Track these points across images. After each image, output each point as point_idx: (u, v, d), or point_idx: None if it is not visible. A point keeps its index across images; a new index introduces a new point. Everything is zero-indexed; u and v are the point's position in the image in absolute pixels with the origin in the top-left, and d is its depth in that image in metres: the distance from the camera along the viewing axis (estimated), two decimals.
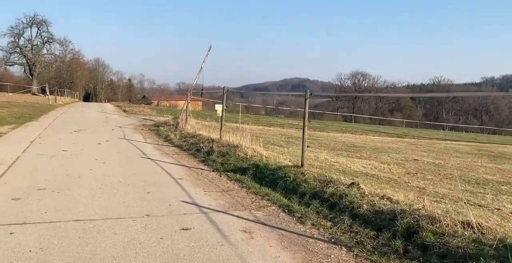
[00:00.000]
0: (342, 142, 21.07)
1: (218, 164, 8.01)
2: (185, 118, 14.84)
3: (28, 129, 13.02)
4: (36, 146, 9.70)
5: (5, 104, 23.94)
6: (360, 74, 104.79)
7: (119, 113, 25.22)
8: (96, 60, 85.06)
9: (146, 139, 12.38)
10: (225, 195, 5.86)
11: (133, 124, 17.61)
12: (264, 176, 6.63)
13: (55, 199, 5.18)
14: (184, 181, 6.72)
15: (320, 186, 5.50)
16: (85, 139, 11.62)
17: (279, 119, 46.83)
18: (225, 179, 6.95)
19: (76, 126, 14.92)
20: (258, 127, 26.66)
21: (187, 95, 18.31)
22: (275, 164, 6.94)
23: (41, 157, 8.24)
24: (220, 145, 9.25)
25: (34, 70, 52.25)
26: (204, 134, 11.48)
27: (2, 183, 5.87)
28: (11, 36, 50.67)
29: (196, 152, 9.52)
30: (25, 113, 18.55)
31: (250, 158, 7.73)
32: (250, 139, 9.17)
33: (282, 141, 17.20)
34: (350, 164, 11.12)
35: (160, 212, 4.88)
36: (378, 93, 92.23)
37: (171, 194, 5.76)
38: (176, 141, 11.45)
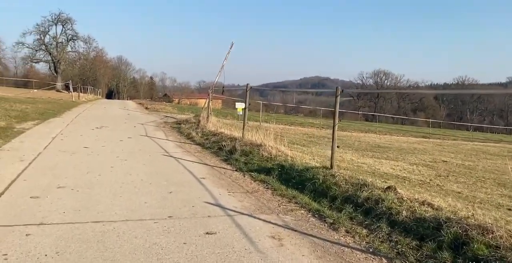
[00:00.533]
0: (366, 142, 20.53)
1: (241, 163, 7.73)
2: (207, 116, 14.62)
3: (50, 125, 13.03)
4: (57, 142, 9.62)
5: (30, 100, 24.30)
6: (382, 73, 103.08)
7: (141, 111, 25.26)
8: (119, 58, 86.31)
9: (168, 137, 12.20)
10: (250, 197, 5.56)
11: (155, 121, 17.51)
12: (290, 177, 6.30)
13: (75, 198, 4.97)
14: (207, 180, 6.45)
15: (353, 190, 5.13)
16: (107, 135, 11.51)
17: (299, 118, 46.38)
18: (249, 179, 6.65)
19: (98, 123, 14.88)
20: (279, 126, 26.27)
21: (209, 93, 18.10)
22: (301, 165, 6.60)
23: (62, 153, 8.12)
24: (242, 143, 8.96)
25: (59, 67, 53.23)
26: (226, 132, 11.22)
27: (22, 180, 5.71)
28: (37, 34, 51.80)
29: (218, 151, 9.26)
30: (49, 109, 18.69)
31: (274, 157, 7.41)
32: (273, 138, 8.84)
33: (304, 140, 16.83)
34: (378, 165, 10.68)
35: (183, 213, 4.61)
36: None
37: (194, 194, 5.50)
38: (198, 138, 11.22)
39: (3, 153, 7.64)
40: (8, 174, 6.01)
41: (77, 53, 57.89)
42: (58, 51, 53.31)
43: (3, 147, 8.33)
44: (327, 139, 19.75)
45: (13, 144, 8.85)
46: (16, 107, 17.06)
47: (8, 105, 17.30)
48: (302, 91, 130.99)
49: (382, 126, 38.53)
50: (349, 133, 27.92)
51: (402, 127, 53.26)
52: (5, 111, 14.71)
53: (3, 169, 6.27)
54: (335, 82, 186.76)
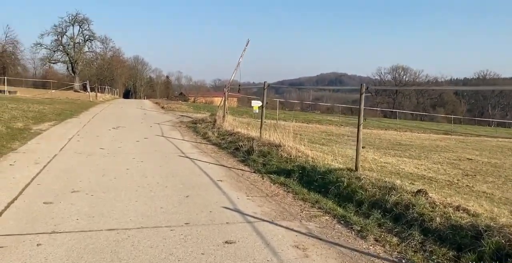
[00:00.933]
0: (387, 140, 20.05)
1: (259, 164, 7.47)
2: (223, 115, 14.40)
3: (67, 126, 13.00)
4: (74, 143, 9.53)
5: (48, 101, 24.52)
6: (400, 68, 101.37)
7: (157, 110, 25.25)
8: (135, 58, 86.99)
9: (184, 136, 12.03)
10: (270, 201, 5.29)
11: (171, 121, 17.40)
12: (312, 179, 6.01)
13: (89, 204, 4.79)
14: (224, 183, 6.22)
15: (381, 194, 4.82)
16: (123, 136, 11.41)
17: (317, 115, 45.87)
18: (268, 182, 6.38)
19: (115, 123, 14.83)
20: (296, 124, 25.93)
21: (224, 92, 17.89)
22: (324, 167, 6.30)
23: (78, 155, 8.00)
24: (260, 143, 8.70)
25: (76, 68, 53.89)
26: (242, 131, 10.97)
27: (35, 184, 5.57)
28: (54, 35, 52.50)
29: (235, 151, 9.02)
30: (66, 110, 18.78)
31: (294, 158, 7.12)
32: (293, 138, 8.56)
33: (323, 139, 16.48)
34: (402, 165, 10.30)
35: (200, 220, 4.38)
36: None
37: (212, 199, 5.26)
38: (214, 138, 11.01)
39: (19, 156, 7.55)
40: (23, 177, 5.88)
41: (94, 53, 58.54)
42: (76, 51, 53.96)
43: (19, 149, 8.26)
44: (347, 137, 19.34)
45: (29, 146, 8.78)
46: (33, 108, 17.15)
47: (26, 106, 17.41)
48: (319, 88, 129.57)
49: (401, 123, 37.76)
50: (369, 130, 27.37)
51: (422, 123, 52.29)
52: (22, 112, 14.77)
53: (18, 173, 6.16)
54: (352, 79, 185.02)
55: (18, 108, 16.30)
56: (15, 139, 9.41)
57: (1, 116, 12.63)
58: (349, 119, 38.78)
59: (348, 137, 19.42)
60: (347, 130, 25.01)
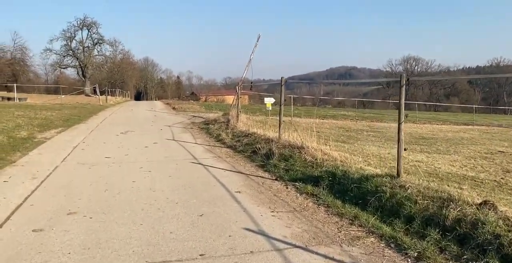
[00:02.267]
0: (408, 133, 19.00)
1: (281, 170, 6.64)
2: (236, 114, 13.60)
3: (73, 133, 12.36)
4: (78, 152, 8.84)
5: (57, 107, 24.04)
6: (412, 59, 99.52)
7: (168, 111, 24.59)
8: (145, 59, 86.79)
9: (196, 139, 11.27)
10: (299, 218, 4.47)
11: (182, 122, 16.68)
12: (345, 188, 5.17)
13: (85, 230, 4.04)
14: (243, 195, 5.42)
15: (435, 207, 3.96)
16: (132, 141, 10.70)
17: (330, 110, 44.78)
18: (294, 192, 5.56)
19: (124, 127, 14.16)
20: (311, 120, 25.03)
21: (237, 90, 17.08)
22: (357, 172, 5.44)
23: (80, 166, 7.28)
24: (280, 145, 7.88)
25: (87, 72, 53.62)
26: (258, 132, 10.16)
27: (28, 206, 4.85)
28: (63, 40, 52.22)
29: (253, 154, 8.22)
30: (74, 115, 18.19)
31: (320, 163, 6.28)
32: (316, 137, 7.71)
33: (342, 136, 15.56)
34: (435, 162, 9.37)
35: (218, 249, 3.59)
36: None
37: (230, 217, 4.47)
38: (228, 140, 10.22)
39: (16, 170, 6.87)
40: (15, 197, 5.17)
41: (103, 57, 58.15)
42: (85, 55, 53.65)
43: (18, 162, 7.58)
44: (366, 132, 18.39)
45: (30, 157, 8.11)
46: (41, 115, 16.59)
47: (33, 113, 16.87)
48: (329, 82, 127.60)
49: (416, 115, 36.42)
50: (386, 123, 26.31)
51: (439, 114, 50.76)
52: (28, 120, 14.20)
53: (11, 191, 5.45)
54: (362, 72, 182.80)
55: (25, 115, 15.75)
56: (16, 150, 8.75)
57: (5, 126, 12.02)
58: (364, 113, 37.71)
59: (367, 132, 18.48)
60: (364, 125, 24.03)
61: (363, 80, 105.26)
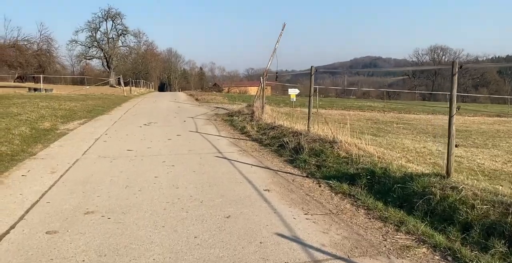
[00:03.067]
0: (440, 126, 18.13)
1: (312, 166, 6.17)
2: (261, 106, 13.14)
3: (96, 124, 12.18)
4: (99, 145, 8.59)
5: (82, 98, 24.13)
6: (439, 49, 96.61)
7: (191, 102, 24.36)
8: (168, 51, 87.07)
9: (220, 132, 10.89)
10: (337, 222, 4.01)
11: (206, 114, 16.35)
12: (386, 188, 4.66)
13: (103, 232, 3.70)
14: (272, 194, 4.99)
15: (497, 213, 3.43)
16: (154, 133, 10.41)
17: (355, 101, 43.78)
18: (328, 191, 5.09)
19: (147, 119, 13.93)
20: (336, 112, 24.35)
21: (261, 80, 16.60)
22: (399, 170, 4.92)
23: (101, 160, 7.00)
24: (309, 139, 7.39)
25: (111, 63, 54.08)
26: (285, 124, 9.68)
27: (44, 203, 4.55)
28: (88, 31, 52.74)
29: (280, 149, 7.76)
30: (98, 106, 18.13)
31: (356, 159, 5.76)
32: (349, 131, 7.19)
33: (371, 128, 14.92)
34: (476, 158, 8.70)
35: (249, 259, 3.17)
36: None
37: (260, 220, 4.05)
38: (253, 133, 9.80)
39: (36, 163, 6.63)
40: (31, 193, 4.90)
41: (128, 48, 58.50)
42: (110, 46, 54.07)
43: (38, 154, 7.37)
44: (396, 124, 17.65)
45: (50, 150, 7.90)
46: (65, 105, 16.56)
47: (58, 104, 16.85)
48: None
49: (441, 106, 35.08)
50: (415, 115, 25.36)
51: (467, 105, 48.91)
52: (52, 111, 14.13)
53: (27, 187, 5.18)
54: (387, 62, 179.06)
55: (49, 106, 15.73)
56: (37, 142, 8.58)
57: (29, 117, 11.94)
58: (390, 104, 36.57)
59: (397, 124, 17.73)
60: (392, 116, 23.18)
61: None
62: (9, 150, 7.40)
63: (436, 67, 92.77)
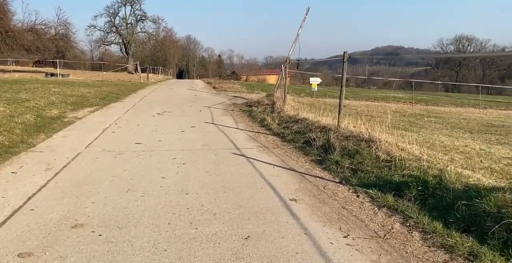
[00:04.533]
0: (473, 120, 16.93)
1: (345, 169, 5.26)
2: (282, 96, 12.20)
3: (108, 112, 11.48)
4: (107, 136, 7.85)
5: (97, 83, 23.57)
6: (465, 39, 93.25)
7: (208, 91, 23.54)
8: (187, 38, 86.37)
9: (238, 124, 10.03)
10: (387, 251, 3.12)
11: (223, 103, 15.51)
12: (444, 204, 3.73)
13: (88, 257, 2.90)
14: (301, 205, 4.12)
15: None
16: (167, 124, 9.64)
17: (378, 91, 42.28)
18: (369, 204, 4.19)
19: (161, 107, 13.18)
20: (361, 103, 23.20)
21: (282, 69, 15.61)
22: (458, 181, 3.98)
23: (105, 155, 6.24)
24: (340, 136, 6.47)
25: (130, 49, 53.64)
26: (310, 117, 8.76)
27: (27, 211, 3.79)
28: (107, 16, 52.28)
29: (305, 146, 6.87)
30: (113, 93, 17.46)
31: (400, 163, 4.82)
32: (386, 127, 6.23)
33: (402, 122, 13.83)
34: None
35: None
36: None
37: (287, 244, 3.19)
38: (274, 126, 8.91)
39: (32, 157, 5.91)
40: (17, 197, 4.15)
41: (146, 34, 57.91)
42: (128, 32, 53.56)
43: (38, 146, 6.66)
44: (426, 118, 16.49)
45: (53, 141, 7.19)
46: (78, 91, 15.93)
47: (70, 90, 16.24)
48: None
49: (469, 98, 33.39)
50: (443, 107, 24.02)
51: (496, 98, 46.89)
52: (63, 97, 13.49)
53: (14, 188, 4.44)
54: (409, 51, 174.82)
55: (61, 92, 15.13)
56: (40, 131, 7.89)
57: (37, 103, 11.30)
58: (416, 95, 35.01)
59: (427, 118, 16.57)
60: (421, 109, 21.90)
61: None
62: (7, 140, 6.70)
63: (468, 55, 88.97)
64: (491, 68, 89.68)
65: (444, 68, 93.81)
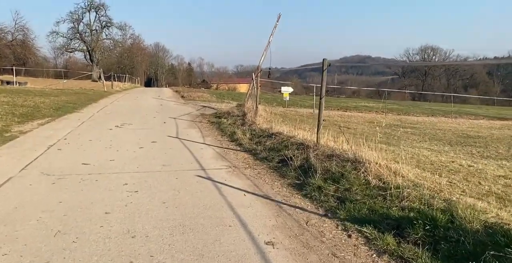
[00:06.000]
0: (448, 130, 16.60)
1: (330, 197, 4.41)
2: (254, 107, 11.35)
3: (59, 125, 10.26)
4: (50, 154, 6.73)
5: (56, 92, 22.04)
6: (430, 49, 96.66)
7: (176, 100, 22.43)
8: (156, 45, 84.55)
9: (205, 138, 9.07)
10: None
11: (190, 114, 14.50)
12: (464, 252, 2.92)
13: None
14: (279, 253, 3.22)
15: None
16: (125, 139, 8.58)
17: (348, 100, 42.30)
18: (365, 248, 3.33)
19: (122, 118, 12.05)
20: (334, 113, 22.70)
21: (253, 77, 14.80)
22: (475, 218, 3.19)
23: (41, 180, 5.16)
24: (320, 154, 5.64)
25: (94, 56, 51.66)
26: (285, 131, 7.92)
27: None
28: (70, 22, 50.22)
29: (281, 166, 6.00)
30: (70, 102, 16.13)
31: (397, 192, 4.02)
32: (374, 144, 5.45)
33: (379, 133, 13.22)
34: None
35: None
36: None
37: None
38: (246, 141, 8.01)
39: None
40: None
41: (112, 41, 56.06)
42: (93, 39, 51.62)
43: None
44: (402, 128, 16.01)
45: None
46: (31, 101, 14.56)
47: (22, 100, 14.84)
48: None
49: (435, 107, 33.71)
50: (415, 117, 23.84)
51: (463, 107, 47.92)
52: (11, 108, 12.16)
53: None
54: (376, 61, 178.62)
55: (10, 102, 13.74)
56: None
57: None
58: (387, 104, 34.98)
59: (403, 128, 16.10)
60: (394, 119, 21.56)
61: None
62: None
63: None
64: (455, 78, 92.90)
65: (410, 77, 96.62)
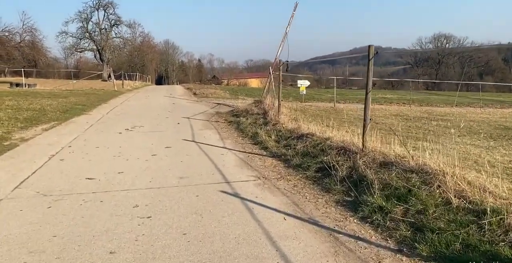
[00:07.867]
0: (482, 122, 15.36)
1: (400, 224, 3.39)
2: (274, 103, 10.34)
3: (65, 130, 9.40)
4: (51, 167, 5.84)
5: (65, 93, 21.33)
6: (443, 37, 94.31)
7: (188, 98, 21.53)
8: (166, 42, 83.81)
9: (224, 141, 8.11)
10: None
11: (205, 112, 13.56)
12: None
13: None
14: None
15: None
16: (136, 144, 7.67)
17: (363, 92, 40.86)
18: None
19: (132, 120, 11.17)
20: (353, 106, 21.54)
21: (271, 71, 13.78)
22: None
23: (35, 203, 4.24)
24: (371, 162, 4.61)
25: (104, 55, 51.01)
26: (316, 131, 6.90)
27: None
28: (79, 21, 49.54)
29: (321, 175, 4.99)
30: (79, 104, 15.30)
31: (496, 219, 3.00)
32: (414, 142, 4.41)
33: (410, 128, 12.10)
34: None
35: None
36: None
37: None
38: (272, 144, 7.02)
39: None
40: None
41: (121, 39, 55.26)
42: (102, 38, 50.92)
43: None
44: (433, 121, 14.82)
45: None
46: (37, 104, 13.78)
47: (28, 103, 14.08)
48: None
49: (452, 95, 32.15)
50: (441, 108, 22.54)
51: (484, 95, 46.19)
52: (15, 112, 11.37)
53: None
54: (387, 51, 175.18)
55: (15, 106, 12.97)
56: None
57: None
58: (404, 95, 33.62)
59: (434, 121, 14.90)
60: (420, 110, 20.28)
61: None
62: None
63: None
64: (469, 66, 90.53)
65: (424, 66, 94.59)
